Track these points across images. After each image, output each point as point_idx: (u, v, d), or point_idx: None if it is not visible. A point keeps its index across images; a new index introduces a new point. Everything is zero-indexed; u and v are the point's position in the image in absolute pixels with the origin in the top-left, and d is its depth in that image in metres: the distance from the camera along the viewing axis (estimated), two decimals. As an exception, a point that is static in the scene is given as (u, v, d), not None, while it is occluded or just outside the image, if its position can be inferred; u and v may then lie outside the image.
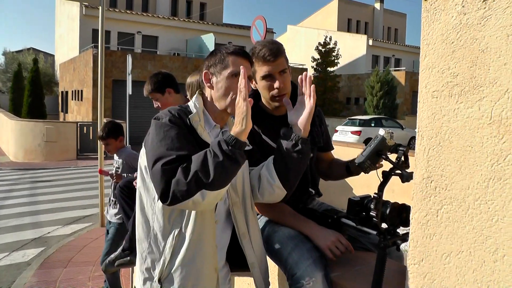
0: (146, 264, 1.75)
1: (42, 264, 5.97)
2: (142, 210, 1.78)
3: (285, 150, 1.79)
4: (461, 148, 1.31)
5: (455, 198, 1.33)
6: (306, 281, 1.79)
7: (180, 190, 1.51)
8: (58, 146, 16.82)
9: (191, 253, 1.69)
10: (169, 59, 24.00)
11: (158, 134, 1.64)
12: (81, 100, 24.43)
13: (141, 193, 1.78)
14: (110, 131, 4.32)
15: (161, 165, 1.54)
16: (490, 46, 1.23)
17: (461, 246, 1.31)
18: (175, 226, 1.70)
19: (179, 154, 1.56)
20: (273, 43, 2.09)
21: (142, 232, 1.78)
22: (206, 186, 1.51)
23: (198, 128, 1.72)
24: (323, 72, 31.10)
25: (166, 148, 1.58)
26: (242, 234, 1.85)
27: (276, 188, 1.83)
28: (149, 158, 1.63)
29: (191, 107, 1.79)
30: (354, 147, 7.80)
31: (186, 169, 1.52)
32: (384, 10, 44.93)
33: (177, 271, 1.69)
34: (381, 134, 1.66)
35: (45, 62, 36.63)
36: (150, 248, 1.74)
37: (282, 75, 2.07)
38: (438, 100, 1.37)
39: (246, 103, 1.58)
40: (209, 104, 1.83)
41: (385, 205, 1.71)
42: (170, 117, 1.68)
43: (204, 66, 1.85)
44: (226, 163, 1.52)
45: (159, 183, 1.54)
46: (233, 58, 1.77)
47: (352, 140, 19.16)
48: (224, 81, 1.76)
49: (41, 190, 11.11)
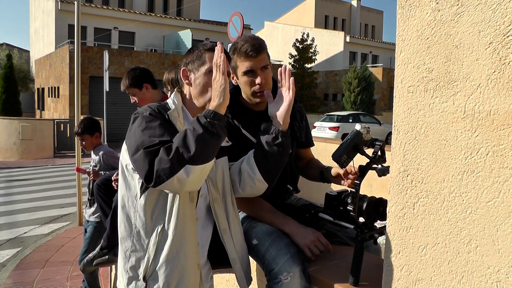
0: (130, 262, 1.74)
1: (18, 265, 5.86)
2: (124, 208, 1.77)
3: (265, 143, 1.81)
4: (436, 142, 1.33)
5: (431, 191, 1.35)
6: (284, 276, 1.80)
7: (163, 168, 1.50)
8: (34, 144, 16.51)
9: (174, 249, 1.69)
10: (146, 55, 23.78)
11: (140, 125, 1.64)
12: (57, 97, 24.05)
13: (122, 191, 1.77)
14: (86, 127, 4.27)
15: (143, 149, 1.55)
16: (463, 42, 1.25)
17: (437, 238, 1.34)
18: (157, 223, 1.70)
19: (161, 140, 1.57)
20: (256, 39, 2.10)
21: (124, 231, 1.76)
22: (188, 161, 1.51)
23: (177, 123, 1.72)
24: (301, 68, 31.20)
25: (149, 136, 1.59)
26: (223, 230, 1.85)
27: (257, 182, 1.85)
28: (132, 148, 1.62)
29: (169, 104, 1.79)
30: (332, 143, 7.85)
31: (168, 148, 1.53)
32: (361, 7, 45.30)
33: (161, 268, 1.69)
34: (358, 129, 1.68)
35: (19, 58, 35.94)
36: (133, 247, 1.73)
37: (263, 71, 2.08)
38: (413, 95, 1.39)
39: (224, 77, 1.60)
40: (187, 101, 1.83)
41: (362, 199, 1.73)
42: (150, 112, 1.69)
43: (182, 63, 1.85)
44: (206, 136, 1.53)
45: (142, 166, 1.54)
46: (210, 54, 1.77)
47: (330, 136, 19.26)
48: (201, 77, 1.76)
49: (17, 189, 10.91)
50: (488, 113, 1.20)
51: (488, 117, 1.20)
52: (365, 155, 1.69)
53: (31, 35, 34.78)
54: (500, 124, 1.18)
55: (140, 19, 28.07)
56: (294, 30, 37.33)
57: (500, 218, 1.18)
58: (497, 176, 1.18)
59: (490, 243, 1.21)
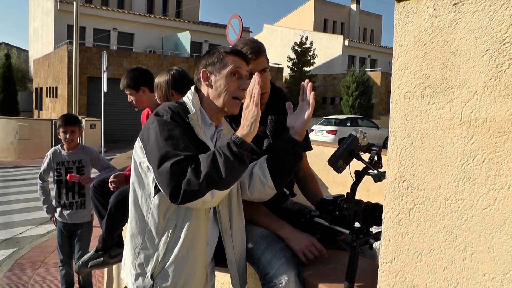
0: (139, 259, 1.76)
1: (13, 266, 5.84)
2: (136, 205, 1.78)
3: (281, 152, 1.86)
4: (433, 148, 1.33)
5: (426, 197, 1.35)
6: (278, 281, 1.79)
7: (192, 190, 1.55)
8: (31, 144, 16.50)
9: (185, 250, 1.71)
10: (144, 56, 23.81)
11: (162, 133, 1.65)
12: (56, 97, 24.03)
13: (136, 188, 1.79)
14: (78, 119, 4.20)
15: (170, 164, 1.57)
16: (460, 49, 1.25)
17: (432, 244, 1.34)
18: (170, 223, 1.72)
19: (186, 154, 1.60)
20: (255, 42, 2.14)
21: (136, 227, 1.78)
22: (217, 186, 1.57)
23: (196, 127, 1.75)
24: (299, 71, 31.25)
25: (173, 148, 1.61)
26: (224, 231, 1.87)
27: (268, 188, 1.89)
28: (154, 157, 1.63)
29: (188, 106, 1.81)
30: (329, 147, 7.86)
31: (196, 169, 1.56)
32: (361, 11, 45.39)
33: (170, 267, 1.71)
34: (354, 134, 1.68)
35: (18, 57, 35.88)
36: (144, 244, 1.75)
37: (262, 74, 2.11)
38: (410, 101, 1.39)
39: (257, 109, 1.65)
40: (205, 101, 1.87)
41: (358, 204, 1.72)
42: (172, 115, 1.71)
43: (201, 64, 1.89)
44: (235, 164, 1.58)
45: (168, 183, 1.57)
46: (232, 58, 1.83)
47: (328, 139, 19.29)
48: (223, 79, 1.81)
49: (13, 189, 10.89)
50: (484, 120, 1.20)
51: (484, 124, 1.20)
52: (361, 160, 1.68)
53: (30, 34, 34.75)
54: (496, 131, 1.17)
55: (139, 21, 28.08)
56: (293, 33, 37.39)
57: (495, 226, 1.18)
58: (493, 183, 1.18)
59: (486, 250, 1.20)
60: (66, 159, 4.19)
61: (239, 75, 1.84)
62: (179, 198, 1.56)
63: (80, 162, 4.18)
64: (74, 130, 4.12)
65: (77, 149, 4.22)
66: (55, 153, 4.25)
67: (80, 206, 4.23)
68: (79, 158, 4.19)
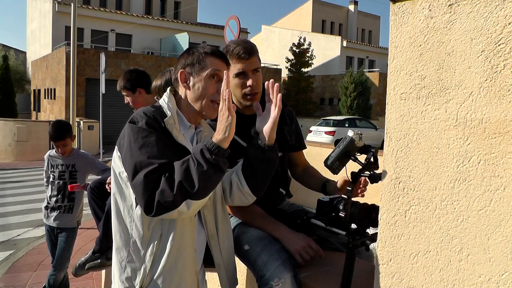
0: (126, 273, 1.69)
1: (10, 268, 5.82)
2: (119, 217, 1.71)
3: (252, 158, 1.77)
4: (429, 150, 1.33)
5: (422, 198, 1.35)
6: (275, 282, 1.79)
7: (165, 201, 1.49)
8: (29, 145, 16.45)
9: (172, 260, 1.66)
10: (142, 57, 23.79)
11: (136, 140, 1.59)
12: (53, 98, 24.00)
13: (117, 199, 1.72)
14: (68, 130, 4.11)
15: (143, 175, 1.52)
16: (456, 50, 1.25)
17: (428, 246, 1.33)
18: (155, 234, 1.65)
19: (160, 163, 1.54)
20: (247, 42, 2.15)
21: (120, 240, 1.71)
22: (191, 196, 1.51)
23: (173, 131, 1.68)
24: (297, 72, 31.25)
25: (147, 156, 1.55)
26: (211, 236, 1.83)
27: (246, 194, 1.83)
28: (129, 166, 1.58)
29: (164, 109, 1.74)
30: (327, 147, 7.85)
31: (170, 178, 1.51)
32: (358, 12, 45.42)
33: (159, 278, 1.66)
34: (350, 135, 1.67)
35: (16, 59, 35.82)
36: (129, 257, 1.68)
37: (255, 74, 2.12)
38: (406, 102, 1.39)
39: (231, 112, 1.57)
40: (183, 103, 1.79)
41: (354, 205, 1.72)
42: (146, 120, 1.64)
43: (179, 64, 1.80)
44: (210, 172, 1.51)
45: (142, 194, 1.52)
46: (211, 59, 1.75)
47: (326, 140, 19.27)
48: (202, 82, 1.74)
49: (11, 191, 10.86)
50: (480, 121, 1.20)
51: (480, 125, 1.20)
52: (357, 161, 1.68)
53: (28, 36, 34.71)
54: (492, 132, 1.17)
55: (137, 22, 28.06)
56: (291, 34, 37.39)
57: (491, 227, 1.18)
58: (489, 184, 1.18)
59: (482, 251, 1.20)
60: (60, 162, 4.19)
61: (218, 78, 1.75)
62: (153, 210, 1.51)
63: (74, 166, 4.16)
64: (65, 144, 4.10)
65: (71, 154, 4.20)
66: (51, 156, 4.25)
67: (68, 210, 4.19)
68: (73, 162, 4.17)
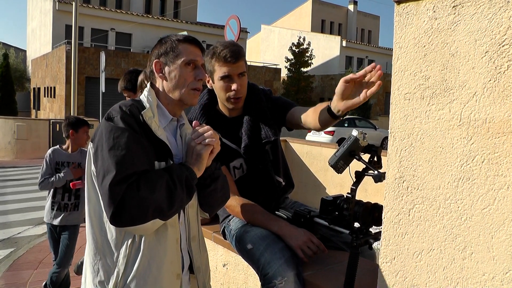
0: (99, 277, 1.61)
1: (11, 266, 5.83)
2: (91, 218, 1.63)
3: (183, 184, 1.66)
4: (433, 149, 1.34)
5: (426, 197, 1.36)
6: (278, 281, 1.80)
7: (133, 216, 1.45)
8: (29, 144, 16.45)
9: (146, 262, 1.57)
10: (142, 56, 23.79)
11: (107, 141, 1.51)
12: (53, 97, 23.99)
13: (91, 199, 1.63)
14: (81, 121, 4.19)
15: (109, 183, 1.44)
16: (460, 50, 1.26)
17: (432, 244, 1.35)
18: (127, 235, 1.57)
19: (127, 174, 1.46)
20: (234, 45, 2.15)
21: (93, 243, 1.63)
22: (164, 216, 1.51)
23: (152, 124, 1.60)
24: (297, 72, 31.27)
25: (115, 161, 1.47)
26: (193, 237, 1.76)
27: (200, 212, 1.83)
28: (98, 168, 1.52)
29: (144, 102, 1.66)
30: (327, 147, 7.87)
31: (144, 194, 1.46)
32: (358, 12, 45.39)
33: (132, 282, 1.57)
34: (354, 135, 1.69)
35: (16, 57, 35.77)
36: (103, 260, 1.60)
37: (240, 78, 2.14)
38: (410, 102, 1.40)
39: (206, 153, 1.64)
40: (162, 95, 1.72)
41: (358, 204, 1.73)
42: (122, 115, 1.56)
43: (153, 55, 1.73)
44: (184, 197, 1.56)
45: (108, 204, 1.45)
46: (184, 46, 1.69)
47: (325, 140, 19.27)
48: (177, 70, 1.68)
49: (11, 189, 10.85)
50: (483, 121, 1.21)
51: (483, 125, 1.21)
52: (361, 161, 1.69)
53: (28, 34, 34.69)
54: (495, 132, 1.19)
55: (137, 21, 28.06)
56: (290, 34, 37.39)
57: (495, 225, 1.19)
58: (492, 183, 1.20)
59: (485, 250, 1.22)
60: (66, 159, 4.17)
61: (194, 65, 1.69)
62: (120, 222, 1.45)
63: (79, 165, 4.15)
64: (86, 131, 4.16)
65: (77, 151, 4.19)
66: (55, 153, 4.19)
67: (74, 208, 4.18)
68: (79, 161, 4.15)
